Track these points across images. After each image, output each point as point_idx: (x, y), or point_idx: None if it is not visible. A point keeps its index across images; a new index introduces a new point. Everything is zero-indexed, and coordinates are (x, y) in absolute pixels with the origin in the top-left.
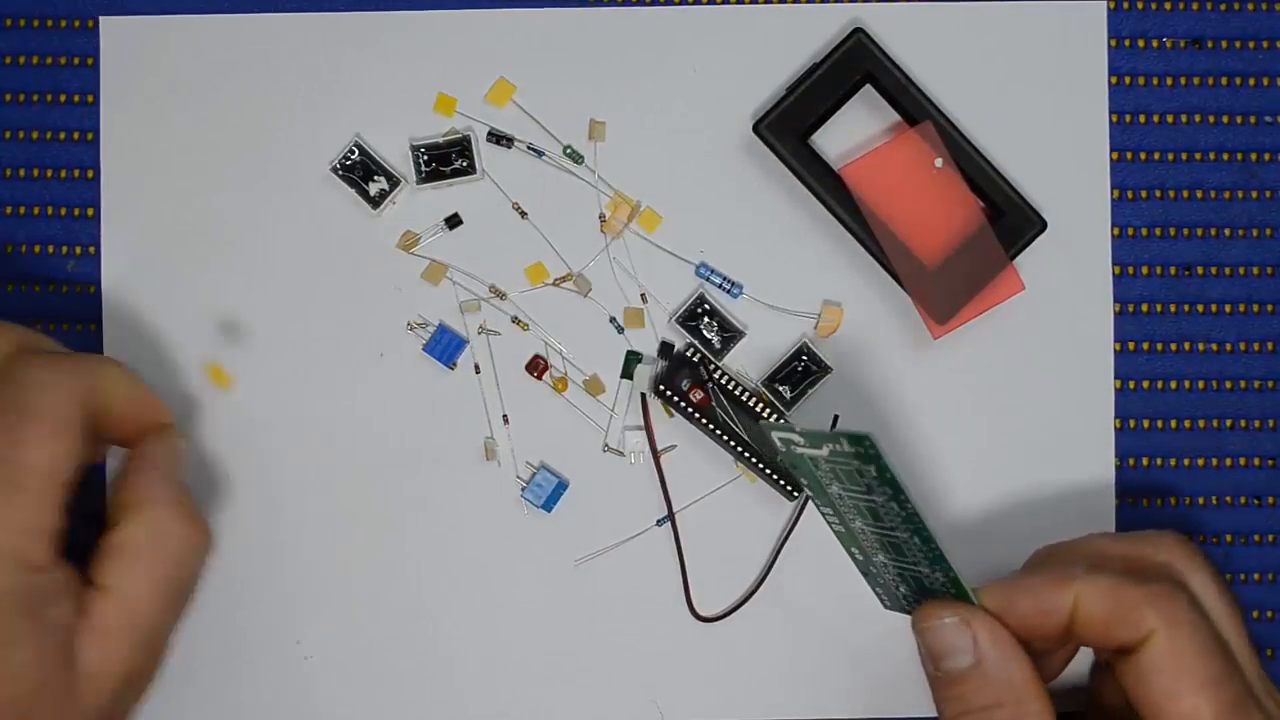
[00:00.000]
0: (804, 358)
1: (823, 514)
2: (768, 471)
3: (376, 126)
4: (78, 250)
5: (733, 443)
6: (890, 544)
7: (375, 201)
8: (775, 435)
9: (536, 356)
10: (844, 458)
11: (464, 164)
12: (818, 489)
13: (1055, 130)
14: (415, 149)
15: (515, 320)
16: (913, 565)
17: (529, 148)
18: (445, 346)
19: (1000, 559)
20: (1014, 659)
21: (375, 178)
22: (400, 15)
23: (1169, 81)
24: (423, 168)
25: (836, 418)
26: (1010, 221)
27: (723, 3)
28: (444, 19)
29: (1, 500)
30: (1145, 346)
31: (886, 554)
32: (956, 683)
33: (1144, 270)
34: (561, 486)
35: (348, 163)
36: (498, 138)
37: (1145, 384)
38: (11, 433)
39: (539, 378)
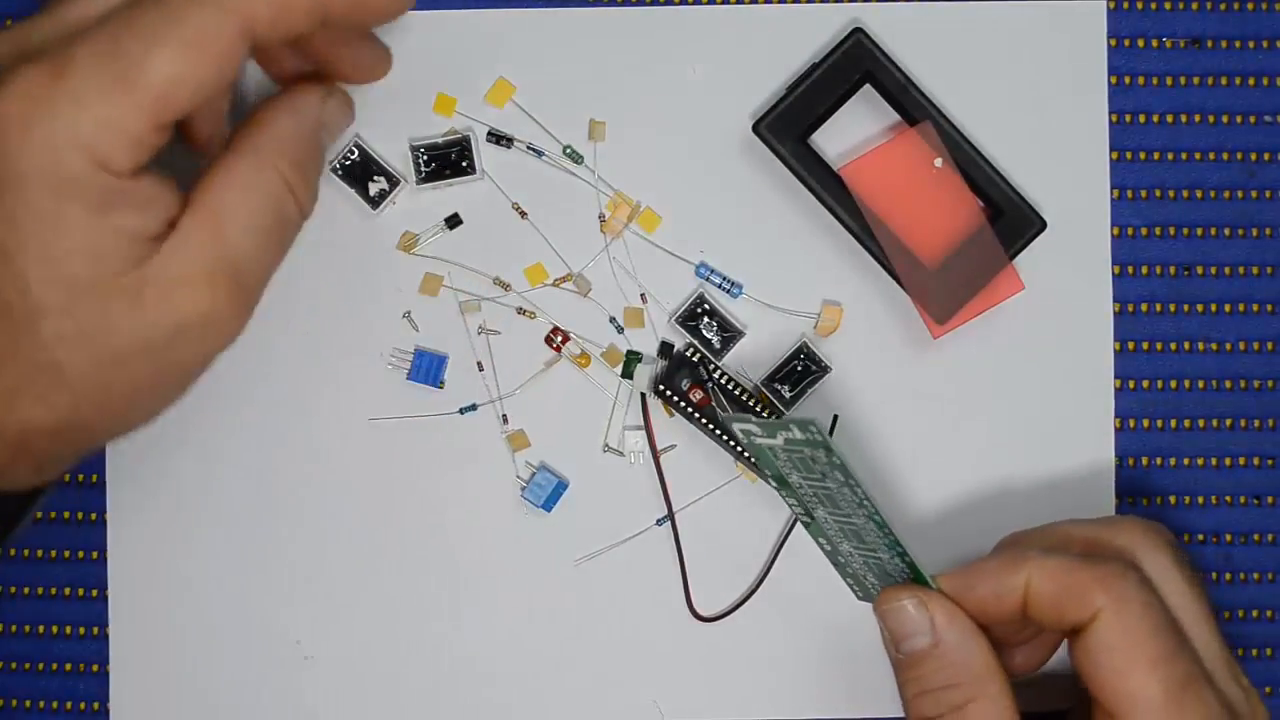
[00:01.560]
0: (803, 357)
1: (788, 505)
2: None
3: (376, 126)
4: None
5: (732, 443)
6: (852, 531)
7: (375, 201)
8: (735, 427)
9: (556, 328)
10: (797, 445)
11: (464, 164)
12: (780, 480)
13: (1055, 130)
14: (415, 149)
15: (521, 311)
16: (874, 552)
17: (529, 148)
18: (428, 369)
19: None
20: (971, 640)
21: (375, 178)
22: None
23: (1169, 81)
24: (422, 168)
25: (836, 418)
26: (1010, 221)
27: (723, 3)
28: (444, 19)
29: (100, 91)
30: (1145, 346)
31: (850, 542)
32: (916, 664)
33: (1144, 270)
34: (561, 486)
35: (347, 163)
36: (498, 138)
37: (1145, 384)
38: (152, 33)
39: (558, 350)
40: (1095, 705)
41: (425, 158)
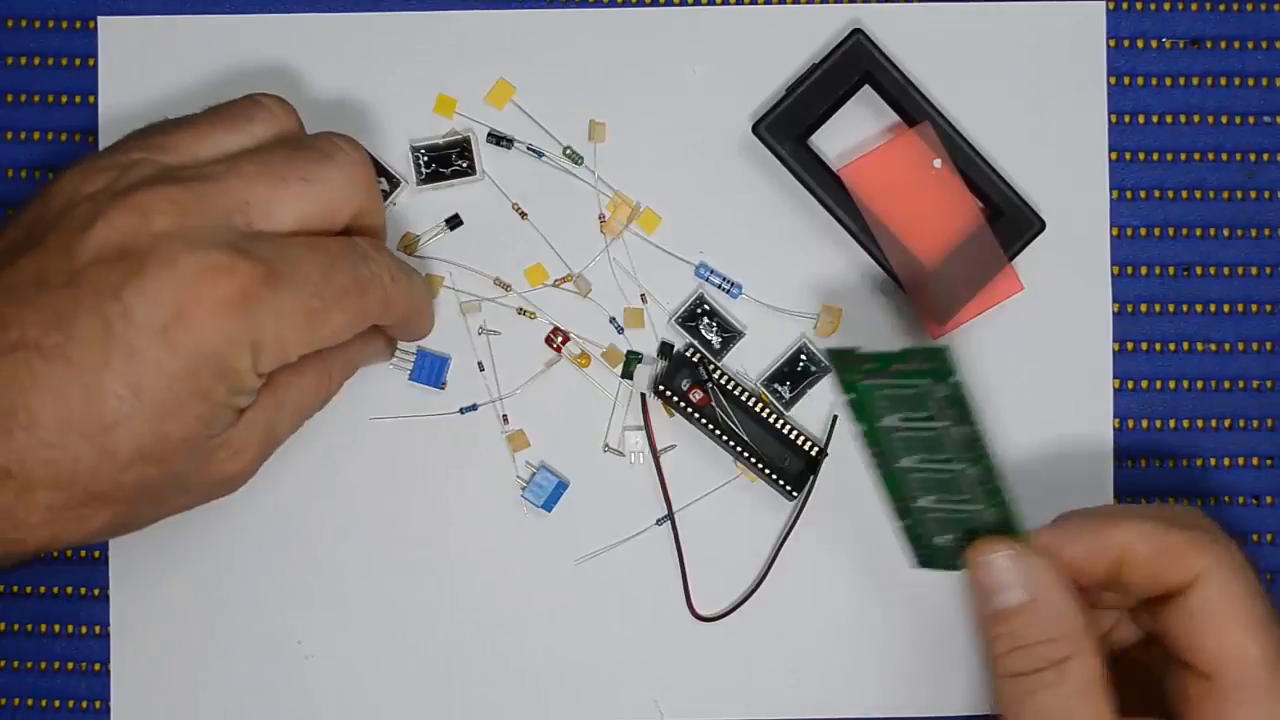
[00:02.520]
0: (803, 358)
1: (871, 454)
2: (767, 471)
3: (376, 128)
4: None
5: (732, 443)
6: (941, 482)
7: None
8: (840, 362)
9: (556, 329)
10: (912, 378)
11: (464, 165)
12: (870, 424)
13: (1054, 130)
14: (415, 150)
15: (521, 311)
16: (963, 504)
17: (529, 148)
18: (430, 370)
19: None
20: (1068, 595)
21: (377, 179)
22: (400, 16)
23: (1168, 82)
24: (423, 169)
25: (835, 418)
26: (1009, 222)
27: (722, 3)
28: (444, 19)
29: (294, 315)
30: (1144, 347)
31: (933, 495)
32: (1008, 618)
33: (1143, 270)
34: (561, 486)
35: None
36: (497, 139)
37: (1144, 384)
38: (342, 292)
39: (558, 350)
40: (1184, 672)
41: (425, 159)
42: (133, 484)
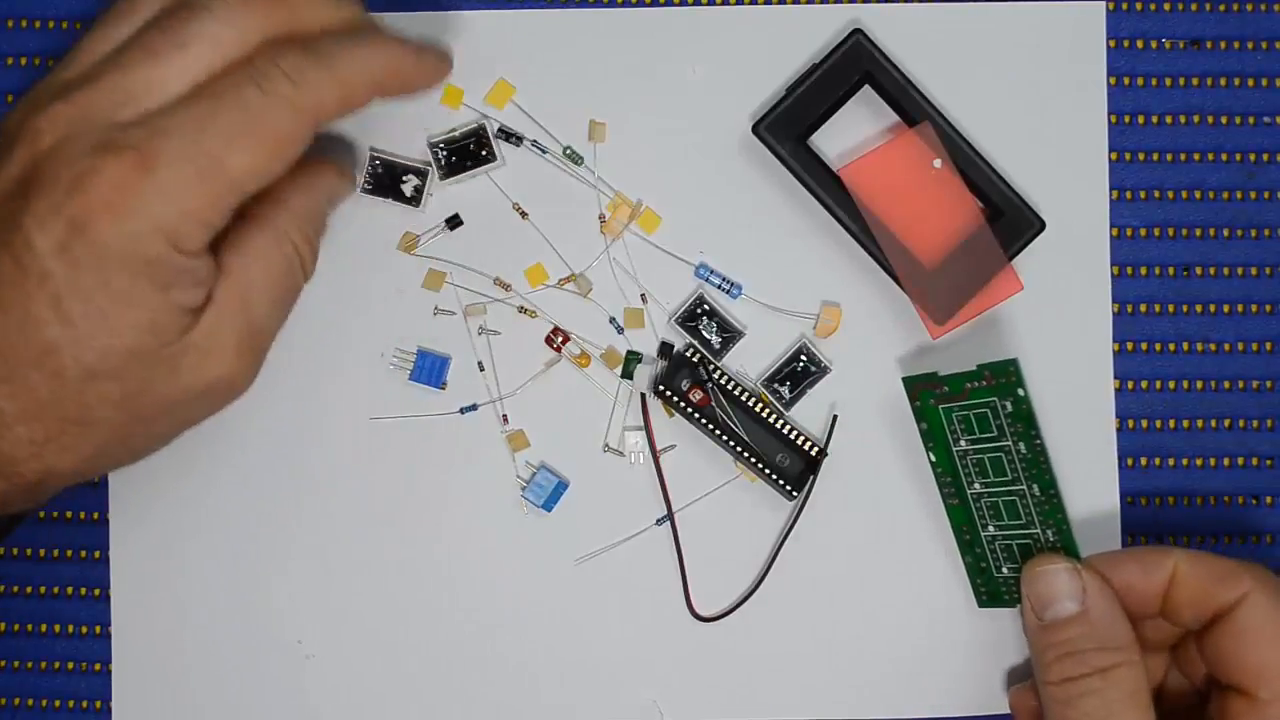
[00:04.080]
0: (803, 358)
1: (942, 484)
2: (767, 471)
3: (385, 132)
4: None
5: (732, 443)
6: (1005, 505)
7: (415, 199)
8: (917, 389)
9: (556, 329)
10: (982, 395)
11: (484, 153)
12: (944, 451)
13: (1054, 131)
14: (433, 145)
15: (522, 309)
16: (1023, 528)
17: (533, 143)
18: (430, 370)
19: None
20: (1118, 609)
21: (404, 178)
22: (400, 16)
23: (1168, 82)
24: (443, 162)
25: (835, 418)
26: (1009, 222)
27: (722, 3)
28: (444, 19)
29: (184, 184)
30: (1144, 347)
31: (997, 521)
32: (1061, 628)
33: (1143, 271)
34: (561, 486)
35: (370, 182)
36: (507, 135)
37: (1144, 384)
38: (232, 133)
39: (558, 350)
40: (1227, 695)
41: (445, 151)
42: (98, 402)
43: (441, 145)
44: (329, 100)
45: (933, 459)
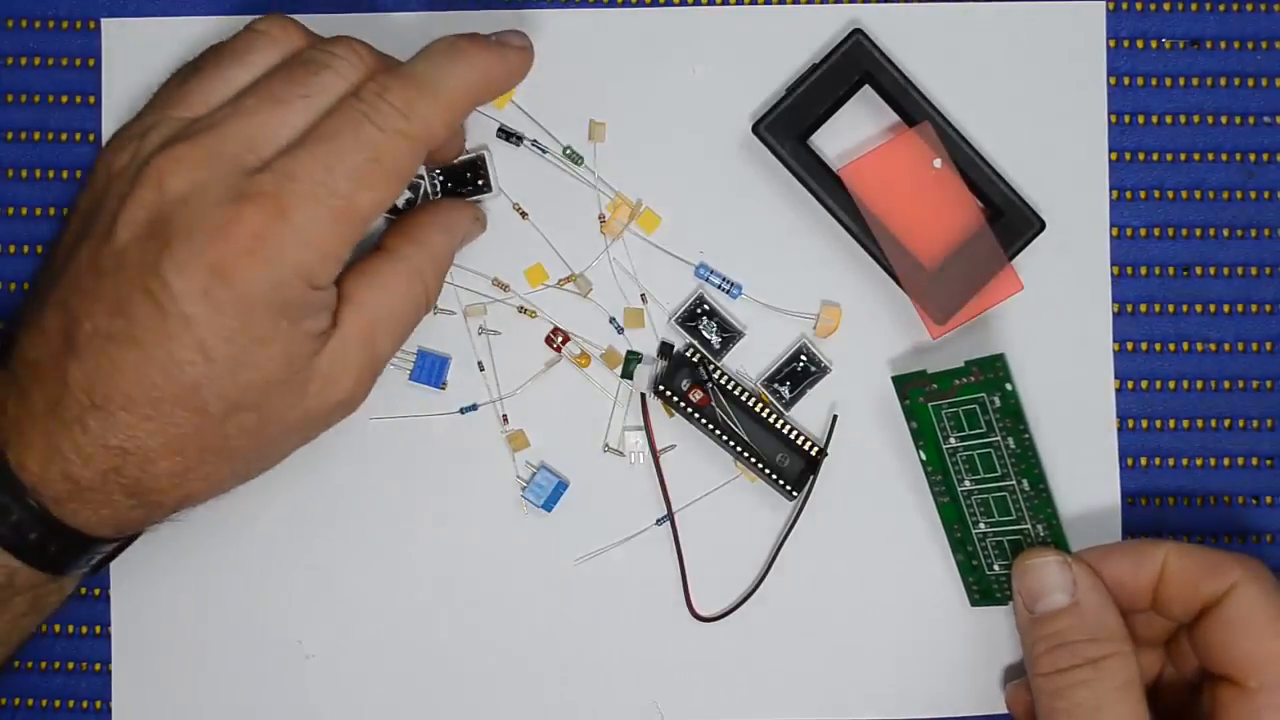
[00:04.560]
0: (803, 358)
1: (933, 481)
2: (767, 471)
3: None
4: None
5: (732, 443)
6: (995, 502)
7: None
8: (905, 387)
9: (556, 329)
10: (971, 391)
11: (480, 183)
12: (934, 448)
13: (1054, 130)
14: (430, 170)
15: (522, 309)
16: (1013, 524)
17: (534, 143)
18: (430, 370)
19: None
20: (1109, 602)
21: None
22: (400, 16)
23: (1168, 82)
24: (438, 187)
25: (835, 418)
26: (1009, 222)
27: (723, 3)
28: (444, 20)
29: (319, 226)
30: (1144, 347)
31: (988, 519)
32: (1052, 620)
33: (1142, 270)
34: (561, 486)
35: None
36: (507, 134)
37: (1144, 384)
38: (358, 173)
39: (558, 350)
40: (1218, 686)
41: (441, 178)
42: (236, 433)
43: (439, 172)
44: (438, 125)
45: (923, 457)
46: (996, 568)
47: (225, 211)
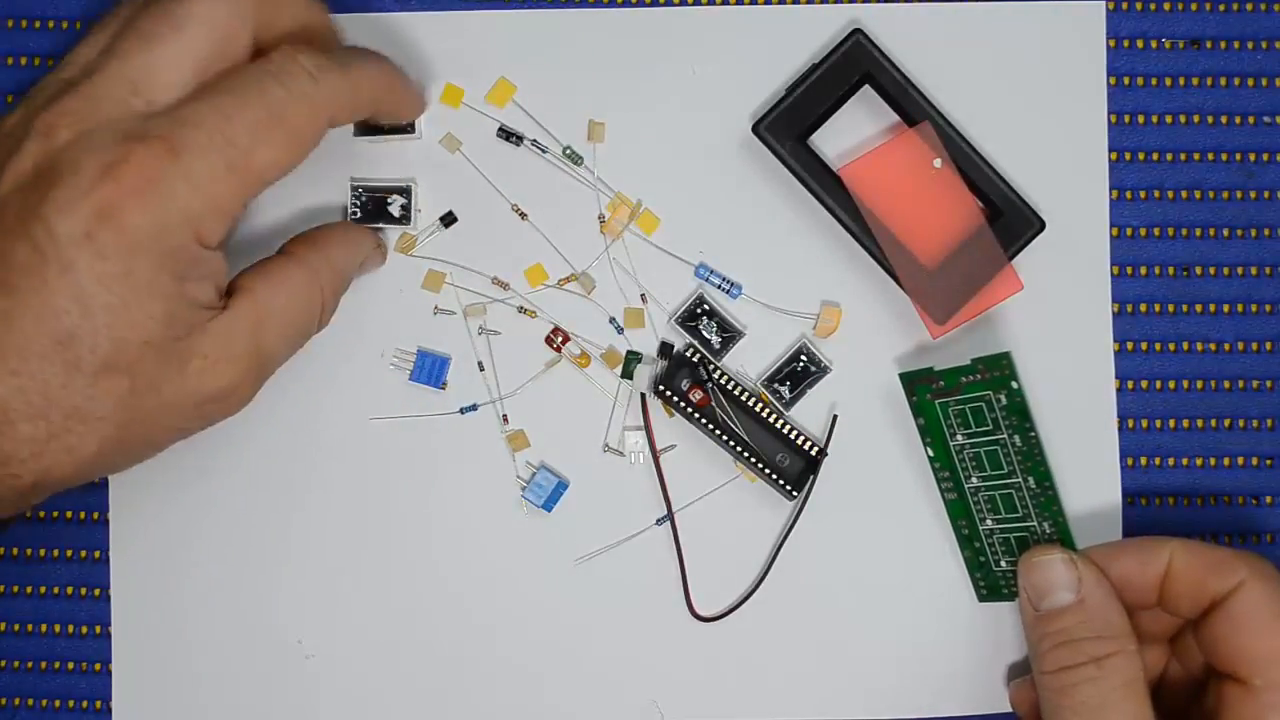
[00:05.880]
0: (803, 358)
1: (941, 479)
2: (767, 471)
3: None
4: None
5: (732, 443)
6: (1001, 499)
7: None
8: (913, 384)
9: (556, 328)
10: (977, 389)
11: (397, 215)
12: (941, 445)
13: (1054, 130)
14: (354, 187)
15: (522, 309)
16: (1020, 521)
17: (533, 143)
18: (430, 370)
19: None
20: (1114, 599)
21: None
22: (400, 16)
23: (1168, 82)
24: (359, 211)
25: (835, 418)
26: (1009, 221)
27: (723, 3)
28: (444, 19)
29: (212, 174)
30: (1144, 346)
31: (995, 515)
32: (1056, 618)
33: (1142, 270)
34: (561, 486)
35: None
36: (507, 134)
37: (1145, 384)
38: (258, 127)
39: (558, 350)
40: (1223, 684)
41: (363, 199)
42: (105, 395)
43: (362, 191)
44: (343, 102)
45: (930, 454)
46: (1004, 564)
47: (114, 150)
